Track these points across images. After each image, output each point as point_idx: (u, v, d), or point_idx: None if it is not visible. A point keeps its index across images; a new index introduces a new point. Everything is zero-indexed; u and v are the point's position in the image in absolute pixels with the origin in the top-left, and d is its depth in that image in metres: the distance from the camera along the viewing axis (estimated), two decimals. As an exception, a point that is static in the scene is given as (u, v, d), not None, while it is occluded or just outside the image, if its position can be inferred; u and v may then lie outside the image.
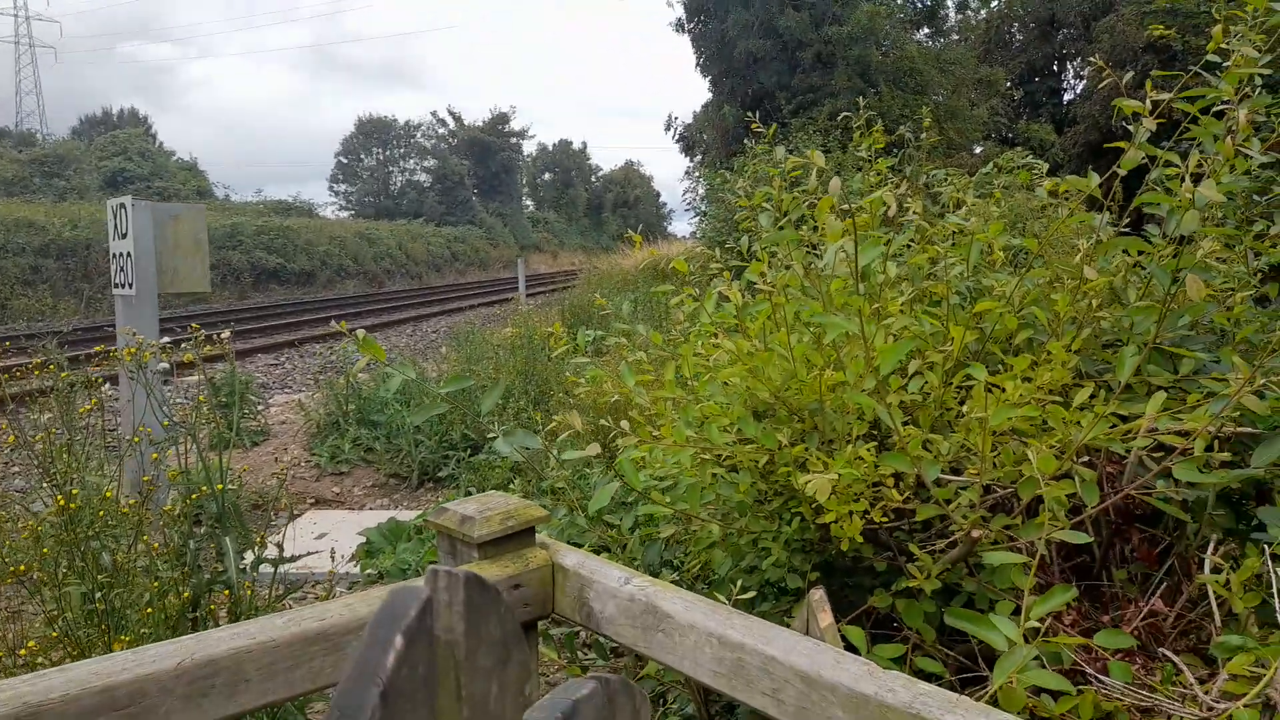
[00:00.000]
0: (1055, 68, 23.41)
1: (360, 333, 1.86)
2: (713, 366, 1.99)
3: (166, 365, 2.46)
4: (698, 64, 19.85)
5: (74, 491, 2.40)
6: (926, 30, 20.98)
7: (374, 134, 55.30)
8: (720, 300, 2.02)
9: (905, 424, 1.72)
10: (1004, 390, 1.57)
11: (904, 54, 16.55)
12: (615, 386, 2.26)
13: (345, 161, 55.69)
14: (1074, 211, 2.07)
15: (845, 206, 1.53)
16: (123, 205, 4.11)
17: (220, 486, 2.29)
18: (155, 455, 3.29)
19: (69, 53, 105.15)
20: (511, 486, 4.61)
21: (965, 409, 1.62)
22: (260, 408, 7.71)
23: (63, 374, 3.05)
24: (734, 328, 2.09)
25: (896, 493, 1.55)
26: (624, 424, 2.02)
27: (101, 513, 2.39)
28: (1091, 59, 2.28)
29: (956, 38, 22.75)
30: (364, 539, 4.12)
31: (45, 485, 2.61)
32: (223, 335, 2.40)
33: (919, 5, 20.73)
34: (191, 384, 8.19)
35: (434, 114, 56.57)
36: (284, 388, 10.18)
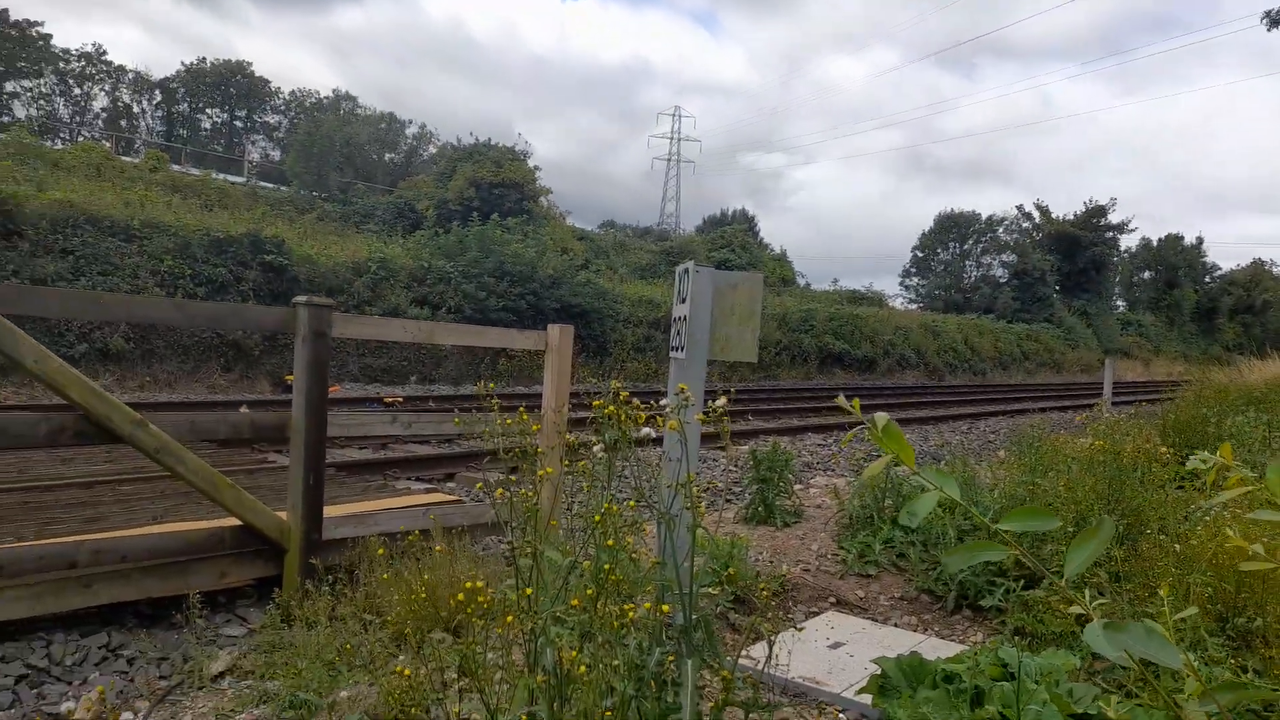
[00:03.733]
0: None
1: (881, 418, 1.26)
2: None
3: (652, 433, 2.14)
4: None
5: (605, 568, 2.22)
6: None
7: (953, 229, 54.89)
8: None
9: None
10: None
11: None
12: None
13: (920, 255, 56.23)
14: None
15: None
16: (686, 270, 4.14)
17: (692, 590, 1.88)
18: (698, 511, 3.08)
19: (704, 164, 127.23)
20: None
21: None
22: (799, 488, 7.55)
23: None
24: None
25: None
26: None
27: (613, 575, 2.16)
28: None
29: None
30: (879, 668, 3.42)
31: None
32: (718, 404, 2.01)
33: None
34: (724, 457, 8.51)
35: (1019, 208, 53.97)
36: (827, 470, 10.04)
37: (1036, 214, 53.37)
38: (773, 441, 7.76)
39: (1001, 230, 53.47)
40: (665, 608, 1.82)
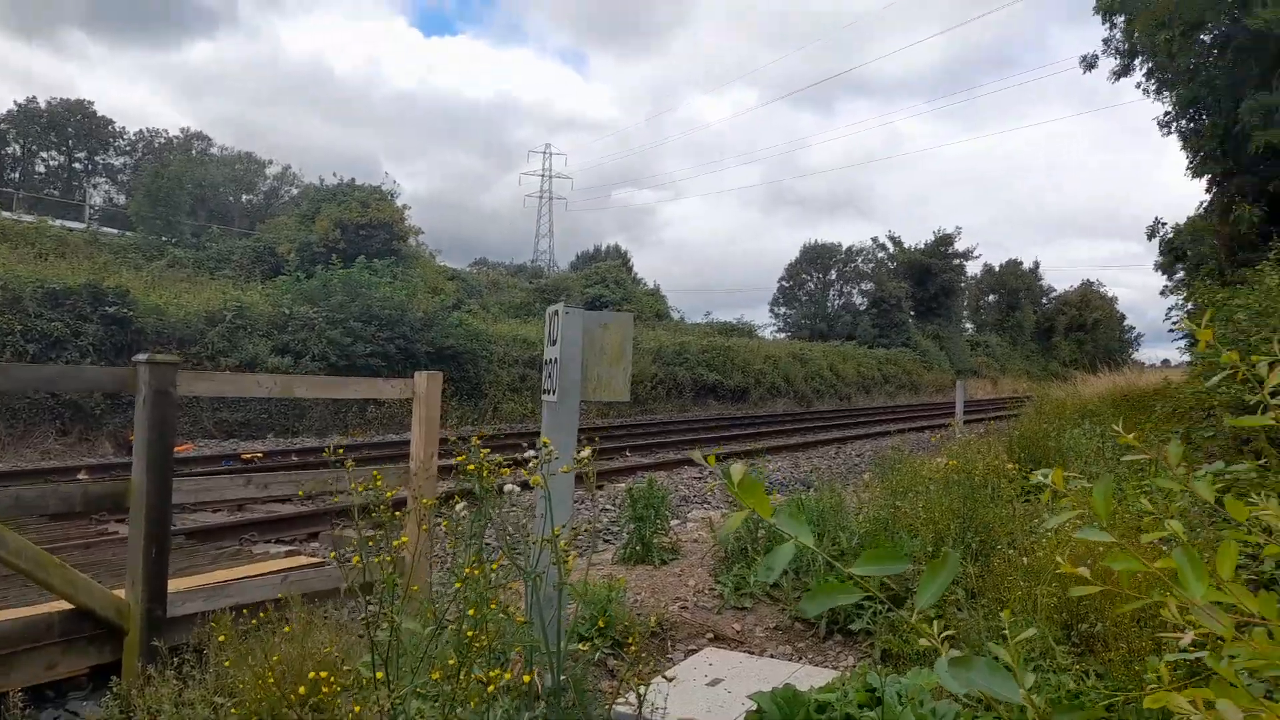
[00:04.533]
0: None
1: (736, 470, 1.28)
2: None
3: (515, 487, 2.10)
4: (1190, 164, 16.95)
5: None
6: None
7: (816, 260, 57.36)
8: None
9: None
10: None
11: None
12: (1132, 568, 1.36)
13: (787, 286, 58.40)
14: None
15: None
16: (556, 312, 4.13)
17: (559, 646, 1.84)
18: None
19: (576, 201, 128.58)
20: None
21: None
22: (676, 523, 7.60)
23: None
24: None
25: None
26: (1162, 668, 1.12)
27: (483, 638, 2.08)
28: None
29: None
30: (756, 704, 3.45)
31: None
32: (582, 455, 2.00)
33: None
34: (603, 497, 8.46)
35: (874, 239, 56.98)
36: (704, 503, 10.16)
37: (890, 244, 56.50)
38: (649, 478, 7.80)
39: (860, 260, 56.31)
40: (527, 677, 1.78)
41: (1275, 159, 13.36)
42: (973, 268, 61.57)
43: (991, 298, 69.34)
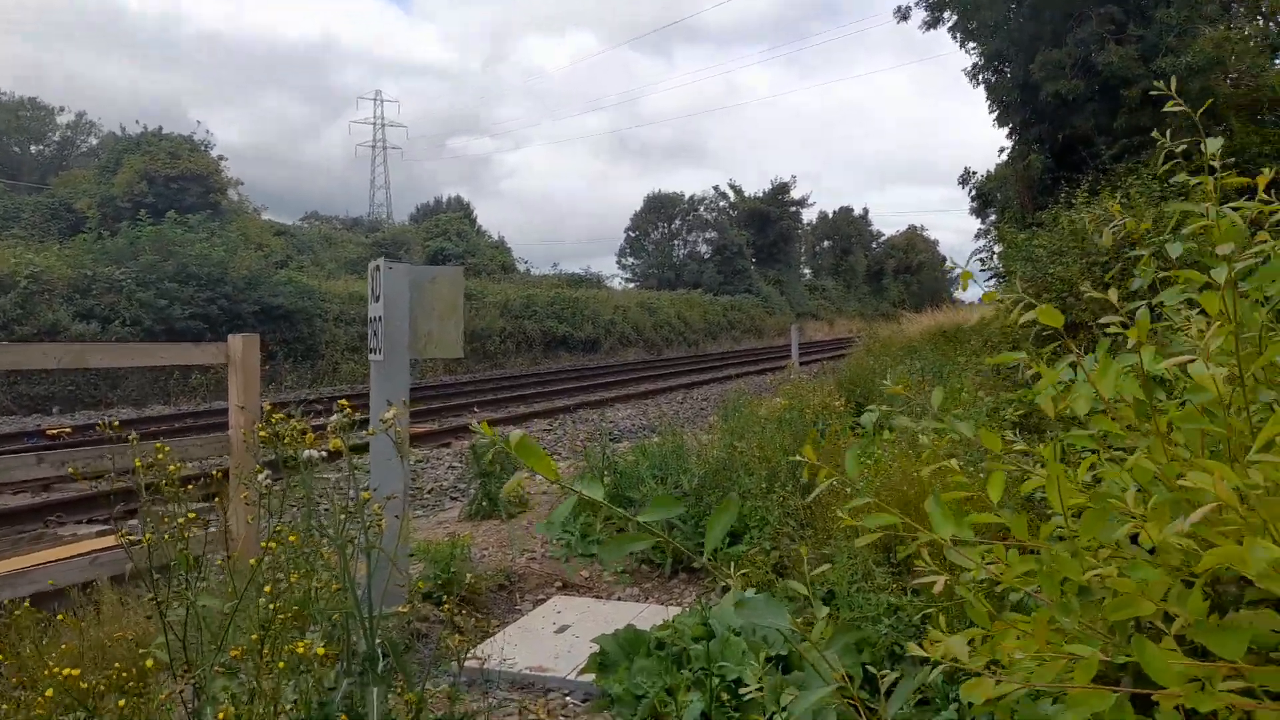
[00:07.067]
0: None
1: (516, 435, 1.26)
2: (1106, 494, 1.12)
3: (316, 454, 2.00)
4: (994, 113, 18.19)
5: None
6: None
7: (660, 209, 57.85)
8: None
9: None
10: None
11: (1261, 83, 13.83)
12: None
13: (633, 236, 58.70)
14: None
15: None
16: (378, 267, 3.94)
17: (373, 615, 1.77)
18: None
19: (411, 150, 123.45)
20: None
21: None
22: (525, 475, 7.57)
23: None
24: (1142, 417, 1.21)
25: None
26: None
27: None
28: None
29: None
30: (600, 646, 3.52)
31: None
32: (387, 415, 1.92)
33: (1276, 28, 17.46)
34: (450, 454, 8.31)
35: (715, 188, 58.01)
36: (554, 454, 10.17)
37: (731, 193, 57.77)
38: (495, 433, 7.71)
39: (703, 209, 57.28)
40: (321, 649, 1.70)
41: (1064, 108, 14.56)
42: (808, 215, 64.02)
43: (826, 243, 72.48)
